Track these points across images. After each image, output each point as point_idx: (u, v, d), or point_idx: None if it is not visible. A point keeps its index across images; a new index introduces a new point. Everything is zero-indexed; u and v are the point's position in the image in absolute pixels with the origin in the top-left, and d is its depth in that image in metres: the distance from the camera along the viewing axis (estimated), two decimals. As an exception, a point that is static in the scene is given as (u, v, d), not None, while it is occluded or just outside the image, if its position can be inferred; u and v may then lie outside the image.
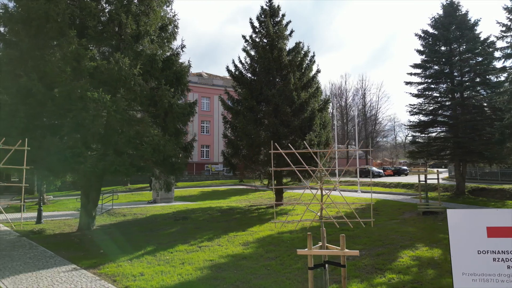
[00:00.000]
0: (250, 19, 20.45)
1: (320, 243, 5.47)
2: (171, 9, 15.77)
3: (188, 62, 15.29)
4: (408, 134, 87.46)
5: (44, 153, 11.01)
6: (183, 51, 15.59)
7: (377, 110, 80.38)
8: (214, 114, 55.45)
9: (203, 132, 55.55)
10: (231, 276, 7.96)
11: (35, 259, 10.00)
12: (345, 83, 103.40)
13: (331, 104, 51.70)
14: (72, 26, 12.23)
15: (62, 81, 11.35)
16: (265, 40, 19.79)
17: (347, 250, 5.04)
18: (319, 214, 5.46)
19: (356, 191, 27.39)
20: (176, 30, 15.51)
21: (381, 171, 50.78)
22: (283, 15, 20.44)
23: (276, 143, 18.35)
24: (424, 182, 15.94)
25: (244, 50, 20.40)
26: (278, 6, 20.39)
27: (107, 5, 14.43)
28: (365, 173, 49.06)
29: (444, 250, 9.20)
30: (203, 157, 54.84)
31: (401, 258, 8.67)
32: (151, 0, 14.24)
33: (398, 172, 52.78)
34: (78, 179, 12.49)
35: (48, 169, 11.74)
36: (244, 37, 20.41)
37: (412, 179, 39.29)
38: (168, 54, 15.07)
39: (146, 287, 7.53)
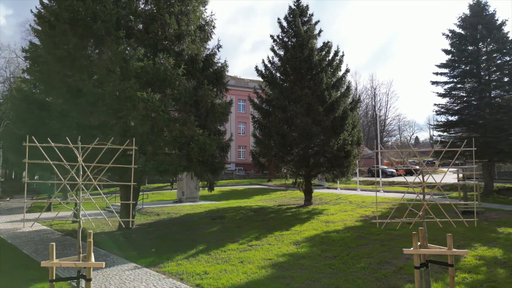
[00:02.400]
0: (278, 18, 20.48)
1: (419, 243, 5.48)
2: (206, 9, 15.83)
3: (225, 62, 15.33)
4: (413, 133, 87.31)
5: (96, 152, 11.09)
6: (219, 50, 15.64)
7: (386, 110, 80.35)
8: (227, 114, 55.40)
9: (216, 132, 55.51)
10: (298, 275, 7.99)
11: (91, 257, 10.07)
12: (355, 82, 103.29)
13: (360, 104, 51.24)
14: (120, 27, 12.30)
15: (111, 81, 11.42)
16: (293, 40, 19.80)
17: (455, 249, 5.06)
18: (421, 213, 5.46)
19: (378, 191, 27.35)
20: (212, 30, 15.57)
21: (394, 170, 50.78)
22: (311, 15, 20.45)
23: (307, 142, 18.26)
24: (462, 182, 15.89)
25: (272, 50, 20.43)
26: (307, 5, 20.41)
27: (143, 6, 14.52)
28: (377, 172, 49.12)
29: (504, 250, 9.19)
30: (216, 156, 54.80)
31: (465, 258, 8.66)
32: (191, 0, 14.31)
33: (410, 172, 52.82)
34: (124, 178, 12.52)
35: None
36: (272, 36, 20.45)
37: (424, 178, 39.02)
38: (204, 54, 15.13)
39: (217, 285, 7.57)
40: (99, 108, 11.42)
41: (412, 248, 5.19)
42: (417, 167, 27.62)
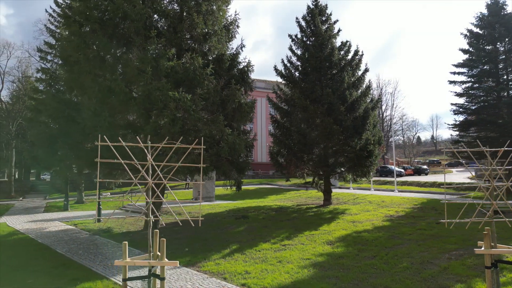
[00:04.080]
0: (297, 18, 20.46)
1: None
2: (229, 8, 15.82)
3: (249, 61, 15.28)
4: (416, 133, 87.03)
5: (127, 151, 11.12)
6: (242, 50, 15.61)
7: (392, 109, 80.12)
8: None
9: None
10: (342, 274, 7.95)
11: (127, 257, 10.07)
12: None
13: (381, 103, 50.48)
14: (148, 26, 12.31)
15: (142, 81, 11.43)
16: (312, 39, 19.77)
17: (527, 248, 5.01)
18: (490, 213, 5.41)
19: (392, 191, 27.28)
20: (236, 29, 15.54)
21: (402, 170, 50.62)
22: (330, 14, 20.40)
23: (327, 141, 18.09)
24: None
25: (290, 49, 20.43)
26: (326, 5, 20.36)
27: (167, 5, 14.51)
28: (385, 172, 49.06)
29: (546, 250, 9.13)
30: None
31: (507, 258, 8.61)
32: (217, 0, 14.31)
33: (418, 172, 52.70)
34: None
35: (130, 167, 11.90)
36: (290, 36, 20.44)
37: (433, 178, 39.12)
38: (229, 53, 15.12)
39: (263, 285, 7.55)
40: (131, 107, 11.42)
41: (482, 248, 5.15)
42: (425, 166, 28.00)
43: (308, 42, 19.88)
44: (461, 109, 22.77)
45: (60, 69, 13.48)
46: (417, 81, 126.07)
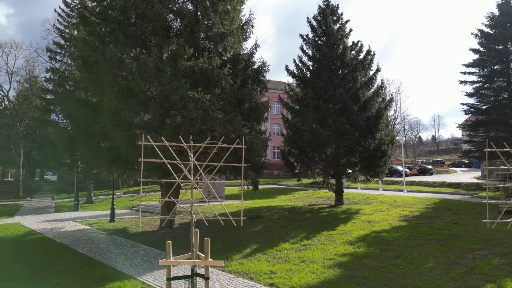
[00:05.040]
0: (308, 18, 20.45)
1: None
2: (243, 8, 15.83)
3: (264, 61, 15.28)
4: (418, 133, 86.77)
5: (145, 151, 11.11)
6: (256, 50, 15.61)
7: (396, 110, 79.92)
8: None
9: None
10: (369, 274, 7.95)
11: (149, 256, 10.10)
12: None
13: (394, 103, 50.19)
14: (166, 26, 12.33)
15: (162, 81, 11.44)
16: (323, 39, 19.74)
17: None
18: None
19: (401, 191, 27.22)
20: (251, 29, 15.54)
21: (407, 170, 50.59)
22: (341, 14, 20.38)
23: (340, 141, 18.01)
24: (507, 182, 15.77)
25: (301, 49, 20.42)
26: (337, 5, 20.35)
27: (182, 4, 14.53)
28: (390, 172, 49.04)
29: None
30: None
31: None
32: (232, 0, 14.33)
33: (423, 172, 52.69)
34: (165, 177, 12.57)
35: (146, 167, 11.89)
36: (302, 36, 20.41)
37: (439, 178, 39.00)
38: (244, 53, 15.12)
39: (291, 285, 7.56)
40: (150, 107, 11.43)
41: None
42: (430, 166, 28.00)
43: (319, 42, 19.87)
44: (471, 109, 22.75)
45: (77, 69, 13.48)
46: (419, 80, 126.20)
